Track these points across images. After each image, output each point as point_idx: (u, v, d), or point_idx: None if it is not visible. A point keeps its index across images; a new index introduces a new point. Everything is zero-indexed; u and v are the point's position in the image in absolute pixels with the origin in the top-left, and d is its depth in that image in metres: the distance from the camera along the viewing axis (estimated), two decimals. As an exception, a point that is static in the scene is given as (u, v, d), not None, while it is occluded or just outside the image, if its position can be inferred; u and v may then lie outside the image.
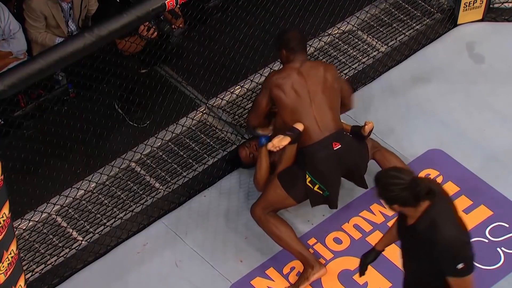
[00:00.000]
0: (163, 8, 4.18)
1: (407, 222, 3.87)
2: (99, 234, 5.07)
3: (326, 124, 4.75)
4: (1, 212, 3.97)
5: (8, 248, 4.09)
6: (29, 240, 5.06)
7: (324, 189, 4.75)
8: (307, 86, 4.79)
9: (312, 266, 4.78)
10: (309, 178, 4.72)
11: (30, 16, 5.36)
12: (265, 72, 5.73)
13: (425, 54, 5.93)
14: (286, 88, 4.79)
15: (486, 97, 5.67)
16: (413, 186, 3.70)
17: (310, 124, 4.74)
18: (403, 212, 3.84)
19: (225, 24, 5.82)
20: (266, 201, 4.82)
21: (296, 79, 4.80)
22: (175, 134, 5.51)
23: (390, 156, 5.06)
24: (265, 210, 4.82)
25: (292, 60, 4.86)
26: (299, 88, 4.78)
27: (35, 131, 5.26)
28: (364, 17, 6.08)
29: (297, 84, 4.79)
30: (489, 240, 5.02)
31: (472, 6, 5.95)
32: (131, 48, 5.39)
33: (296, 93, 4.78)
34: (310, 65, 4.86)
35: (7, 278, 4.14)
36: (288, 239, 4.79)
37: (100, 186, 5.26)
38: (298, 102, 4.77)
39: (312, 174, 4.72)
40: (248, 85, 5.71)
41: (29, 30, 5.39)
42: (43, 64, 3.92)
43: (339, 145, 4.73)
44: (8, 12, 5.33)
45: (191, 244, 5.04)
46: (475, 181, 5.26)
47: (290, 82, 4.79)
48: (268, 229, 4.82)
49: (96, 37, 4.00)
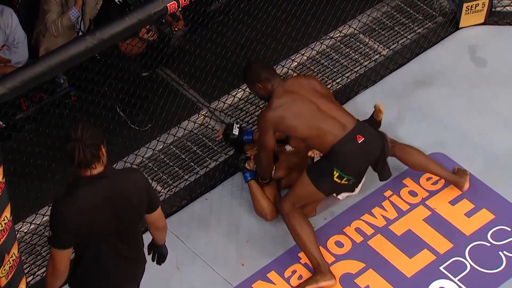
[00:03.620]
0: (165, 11, 4.18)
1: None
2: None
3: (345, 120, 4.78)
4: (3, 216, 3.97)
5: (10, 251, 4.09)
6: (30, 243, 5.06)
7: (351, 178, 4.77)
8: (305, 98, 4.79)
9: (323, 274, 4.77)
10: (337, 173, 4.73)
11: (48, 2, 5.36)
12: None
13: (427, 57, 5.93)
14: (289, 115, 4.75)
15: (488, 100, 5.67)
16: None
17: (330, 125, 4.75)
18: None
19: (226, 27, 5.83)
20: (296, 196, 4.83)
21: (290, 101, 4.77)
22: (177, 137, 5.51)
23: (410, 149, 5.09)
24: (294, 206, 4.83)
25: (272, 88, 4.83)
26: (300, 105, 4.77)
27: (36, 134, 5.26)
28: (366, 20, 6.08)
29: (295, 103, 4.77)
30: (491, 243, 5.02)
31: (474, 10, 5.95)
32: (133, 51, 5.40)
33: (300, 111, 4.76)
34: (291, 82, 4.87)
35: (8, 281, 4.14)
36: (307, 240, 4.80)
37: (101, 189, 5.26)
38: (308, 116, 4.75)
39: (341, 169, 4.73)
40: (250, 88, 5.72)
41: (47, 15, 5.38)
42: (44, 67, 3.91)
43: (363, 138, 4.75)
44: (17, 20, 5.33)
45: (192, 247, 5.04)
46: (477, 184, 5.26)
47: (287, 108, 4.75)
48: (291, 225, 4.83)
49: (98, 40, 4.00)
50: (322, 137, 4.75)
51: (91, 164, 3.84)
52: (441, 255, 4.98)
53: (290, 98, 4.79)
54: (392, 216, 5.15)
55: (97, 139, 3.86)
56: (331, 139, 4.74)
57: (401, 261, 4.96)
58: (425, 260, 4.96)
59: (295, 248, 5.00)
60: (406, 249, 4.99)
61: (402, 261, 4.96)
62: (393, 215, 5.15)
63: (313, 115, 4.76)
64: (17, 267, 4.18)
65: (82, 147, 3.81)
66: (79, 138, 3.81)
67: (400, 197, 5.20)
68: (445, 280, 4.88)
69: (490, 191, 5.23)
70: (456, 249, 5.00)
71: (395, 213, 5.15)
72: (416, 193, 5.11)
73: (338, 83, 5.80)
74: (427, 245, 5.01)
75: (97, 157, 3.84)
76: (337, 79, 5.82)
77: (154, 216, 4.04)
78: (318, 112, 4.77)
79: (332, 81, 5.81)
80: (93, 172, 3.86)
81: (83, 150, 3.81)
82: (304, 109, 4.77)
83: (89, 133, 3.84)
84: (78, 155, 3.80)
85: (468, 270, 4.92)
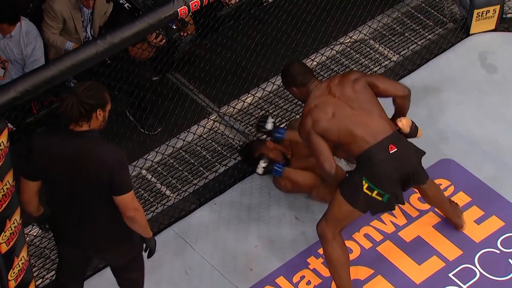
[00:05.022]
0: (176, 15, 4.20)
1: None
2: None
3: (379, 127, 4.56)
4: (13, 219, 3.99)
5: (19, 255, 4.11)
6: (40, 246, 5.07)
7: (383, 193, 4.55)
8: (340, 101, 4.61)
9: None
10: (366, 184, 4.52)
11: (48, 15, 5.36)
12: (277, 81, 5.74)
13: (437, 63, 5.93)
14: (324, 119, 4.56)
15: (498, 107, 5.66)
16: None
17: (362, 131, 4.54)
18: None
19: (237, 33, 5.84)
20: (335, 220, 4.63)
21: (323, 105, 4.59)
22: (186, 142, 5.52)
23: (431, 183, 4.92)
24: (335, 230, 4.64)
25: (308, 92, 4.66)
26: (335, 109, 4.58)
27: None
28: (376, 26, 6.08)
29: (330, 107, 4.59)
30: (500, 251, 5.01)
31: (485, 16, 5.95)
32: (143, 55, 5.41)
33: (334, 115, 4.57)
34: (327, 84, 4.68)
35: (17, 284, 4.16)
36: (343, 274, 4.66)
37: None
38: (341, 120, 4.57)
39: (369, 180, 4.52)
40: (260, 94, 5.72)
41: (43, 29, 5.40)
42: (55, 71, 3.93)
43: (395, 149, 4.56)
44: (40, 43, 5.32)
45: (201, 252, 5.04)
46: (487, 191, 5.25)
47: (323, 111, 4.58)
48: (330, 254, 4.65)
49: (108, 44, 4.01)
50: (354, 143, 4.55)
51: (77, 121, 3.92)
52: (450, 262, 4.97)
53: (325, 101, 4.60)
54: (401, 222, 5.14)
55: (96, 100, 3.92)
56: (363, 146, 4.53)
57: (410, 267, 4.95)
58: (434, 266, 4.95)
59: (304, 253, 5.00)
60: (415, 255, 4.98)
61: (411, 267, 4.95)
62: (403, 221, 5.14)
63: (347, 119, 4.56)
64: (26, 270, 4.19)
65: (74, 102, 3.88)
66: (76, 93, 3.89)
67: (410, 203, 5.19)
68: (454, 287, 4.87)
69: (500, 198, 5.22)
70: (466, 256, 4.98)
71: (404, 219, 5.14)
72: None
73: (348, 88, 5.80)
74: (437, 251, 5.00)
75: (86, 116, 3.92)
76: (347, 85, 5.82)
77: (117, 201, 4.00)
78: (352, 116, 4.57)
79: (342, 87, 5.81)
80: (77, 128, 3.95)
81: (72, 104, 3.88)
82: (338, 113, 4.57)
83: (90, 92, 3.91)
84: (65, 107, 3.88)
85: (478, 278, 4.91)
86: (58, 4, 5.35)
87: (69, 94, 3.90)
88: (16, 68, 5.34)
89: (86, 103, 3.90)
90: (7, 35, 5.25)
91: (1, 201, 3.88)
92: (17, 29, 5.24)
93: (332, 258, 4.66)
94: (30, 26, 5.31)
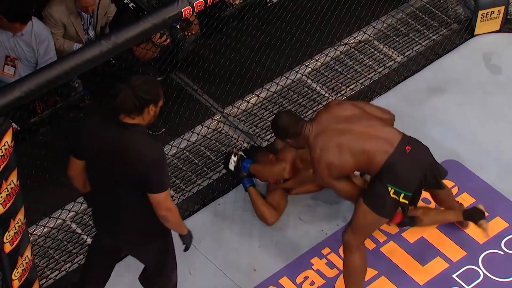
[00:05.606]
0: (180, 16, 4.20)
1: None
2: (113, 241, 5.07)
3: (389, 135, 4.58)
4: (17, 218, 3.99)
5: (23, 254, 4.12)
6: (43, 246, 5.08)
7: (409, 195, 4.56)
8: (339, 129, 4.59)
9: None
10: (392, 189, 4.52)
11: (49, 22, 5.40)
12: (281, 82, 5.75)
13: (441, 64, 5.92)
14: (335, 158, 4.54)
15: (502, 108, 5.65)
16: None
17: (376, 145, 4.54)
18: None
19: (241, 33, 5.84)
20: (360, 229, 4.62)
21: (327, 143, 4.56)
22: (190, 142, 5.52)
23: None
24: (360, 239, 4.63)
25: (304, 138, 4.64)
26: (339, 140, 4.56)
27: (51, 137, 5.29)
28: (380, 27, 6.08)
29: (334, 141, 4.56)
30: (504, 252, 5.00)
31: (490, 17, 5.94)
32: (147, 55, 5.42)
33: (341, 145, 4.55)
34: (319, 120, 4.66)
35: (21, 284, 4.17)
36: (360, 283, 4.66)
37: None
38: (349, 146, 4.54)
39: (395, 184, 4.52)
40: (264, 94, 5.73)
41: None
42: (60, 71, 3.94)
43: (410, 148, 4.58)
44: (52, 42, 5.35)
45: (204, 252, 5.05)
46: (491, 192, 5.24)
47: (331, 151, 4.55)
48: (352, 262, 4.64)
49: (112, 44, 4.02)
50: (372, 159, 4.54)
51: (129, 113, 3.97)
52: (454, 263, 4.97)
53: (326, 140, 4.57)
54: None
55: (150, 96, 3.97)
56: (381, 158, 4.52)
57: (414, 268, 4.95)
58: (438, 268, 4.95)
59: (307, 254, 5.01)
60: (419, 256, 4.98)
61: (414, 268, 4.95)
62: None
63: (355, 141, 4.55)
64: (30, 270, 4.20)
65: (129, 94, 3.93)
66: (133, 85, 3.94)
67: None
68: (458, 288, 4.88)
69: (504, 199, 5.21)
70: (469, 257, 4.98)
71: (408, 220, 5.14)
72: (430, 200, 5.09)
73: (352, 89, 5.80)
74: (440, 252, 5.00)
75: (139, 110, 3.97)
76: (351, 85, 5.82)
77: (150, 198, 4.03)
78: (359, 137, 4.56)
79: (346, 87, 5.81)
80: (126, 119, 3.99)
81: (127, 97, 3.93)
82: (344, 142, 4.55)
83: (146, 87, 3.96)
84: (120, 98, 3.93)
85: (481, 279, 4.90)
86: (56, 12, 5.39)
87: (126, 86, 3.94)
88: (25, 66, 5.36)
89: (141, 97, 3.95)
90: (18, 34, 5.27)
91: (5, 201, 3.88)
92: (28, 28, 5.26)
93: (353, 267, 4.65)
94: (41, 26, 5.34)
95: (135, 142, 3.99)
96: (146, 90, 3.95)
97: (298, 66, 5.86)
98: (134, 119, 3.99)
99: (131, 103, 3.94)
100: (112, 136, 4.01)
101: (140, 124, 4.02)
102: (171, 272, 4.41)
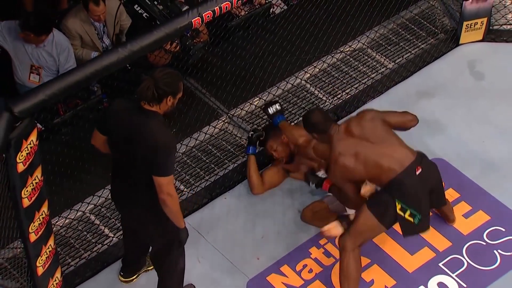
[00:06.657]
0: (190, 26, 4.22)
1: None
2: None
3: (402, 155, 4.55)
4: (41, 210, 4.02)
5: (47, 243, 4.14)
6: (65, 236, 5.11)
7: (416, 213, 4.53)
8: (361, 139, 4.59)
9: None
10: (399, 205, 4.51)
11: (67, 35, 5.44)
12: (282, 86, 5.77)
13: (429, 71, 5.94)
14: (350, 163, 4.56)
15: (486, 111, 5.67)
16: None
17: (388, 161, 4.53)
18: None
19: (246, 41, 5.86)
20: (357, 232, 4.59)
21: (347, 149, 4.57)
22: (199, 141, 5.54)
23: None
24: (356, 242, 4.60)
25: (329, 137, 4.64)
26: (357, 148, 4.57)
27: (72, 137, 5.32)
28: (373, 36, 6.10)
29: (353, 148, 4.57)
30: (486, 242, 5.02)
31: (473, 28, 5.96)
32: (160, 62, 5.44)
33: (358, 154, 4.56)
34: (346, 126, 4.66)
35: (45, 270, 4.19)
36: (349, 280, 4.63)
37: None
38: (367, 156, 4.55)
39: (402, 200, 4.50)
40: (266, 97, 5.75)
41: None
42: (80, 76, 3.96)
43: (421, 169, 4.54)
44: (72, 51, 5.39)
45: (212, 242, 5.07)
46: (474, 188, 5.26)
47: (348, 156, 4.56)
48: (347, 265, 4.61)
49: (128, 51, 4.04)
50: (383, 173, 4.53)
51: (149, 101, 4.00)
52: (440, 252, 4.98)
53: (347, 145, 4.58)
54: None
55: (170, 88, 4.00)
56: (391, 175, 4.51)
57: (403, 257, 4.97)
58: (425, 256, 4.96)
59: (306, 244, 5.03)
60: (408, 246, 5.00)
61: (404, 257, 4.97)
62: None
63: (371, 154, 4.54)
64: (53, 258, 4.23)
65: (151, 85, 3.96)
66: (155, 77, 3.97)
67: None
68: (444, 276, 4.89)
69: (486, 194, 5.23)
70: (454, 247, 5.00)
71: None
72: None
73: (348, 93, 5.82)
74: (428, 243, 5.01)
75: (157, 100, 4.00)
76: (347, 90, 5.85)
77: (155, 181, 4.05)
78: (376, 150, 4.55)
79: (342, 92, 5.83)
80: (146, 106, 4.03)
81: (148, 87, 3.96)
82: (361, 151, 4.55)
83: (167, 79, 3.99)
84: (142, 87, 3.96)
85: (465, 267, 4.92)
86: (71, 24, 5.44)
87: (149, 77, 3.98)
88: (48, 74, 5.39)
89: (161, 88, 3.98)
90: (41, 45, 5.30)
91: (31, 194, 3.91)
92: (49, 39, 5.30)
93: (346, 270, 4.63)
94: (61, 36, 5.38)
95: (151, 127, 4.02)
96: (166, 82, 3.97)
97: (298, 71, 5.88)
98: (153, 107, 4.03)
99: (151, 93, 3.97)
100: (132, 119, 4.05)
101: (157, 112, 4.04)
102: (179, 255, 4.40)
